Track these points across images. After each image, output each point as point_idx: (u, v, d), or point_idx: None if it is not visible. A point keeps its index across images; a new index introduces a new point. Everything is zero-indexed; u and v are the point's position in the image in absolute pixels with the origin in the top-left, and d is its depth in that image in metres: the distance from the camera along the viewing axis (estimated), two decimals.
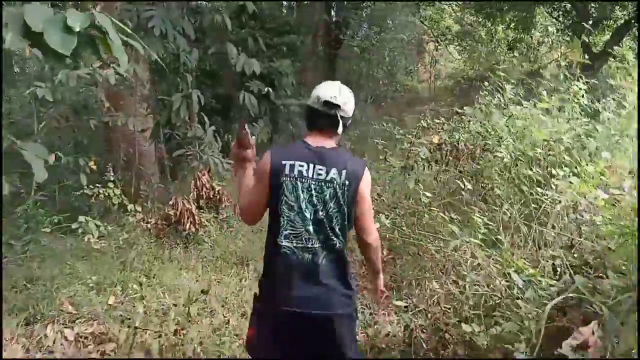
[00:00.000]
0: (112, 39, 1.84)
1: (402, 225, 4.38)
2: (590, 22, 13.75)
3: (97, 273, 4.02)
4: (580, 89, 4.43)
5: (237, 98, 9.23)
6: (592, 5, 13.46)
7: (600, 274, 2.33)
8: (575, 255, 2.63)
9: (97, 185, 5.09)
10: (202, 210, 5.51)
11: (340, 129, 2.13)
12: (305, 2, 12.48)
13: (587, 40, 11.19)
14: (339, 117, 2.11)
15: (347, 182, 2.06)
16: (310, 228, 2.05)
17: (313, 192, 2.04)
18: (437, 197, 4.47)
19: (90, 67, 4.50)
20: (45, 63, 5.10)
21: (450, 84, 20.32)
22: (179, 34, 5.48)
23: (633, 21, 12.87)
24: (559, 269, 2.58)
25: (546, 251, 2.84)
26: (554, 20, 14.79)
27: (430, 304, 3.36)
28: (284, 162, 2.05)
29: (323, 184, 2.05)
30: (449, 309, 3.15)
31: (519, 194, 3.74)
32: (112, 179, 5.17)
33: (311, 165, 2.05)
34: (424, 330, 3.19)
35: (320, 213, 2.05)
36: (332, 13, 12.63)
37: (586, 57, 5.14)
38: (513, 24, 16.28)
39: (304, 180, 2.04)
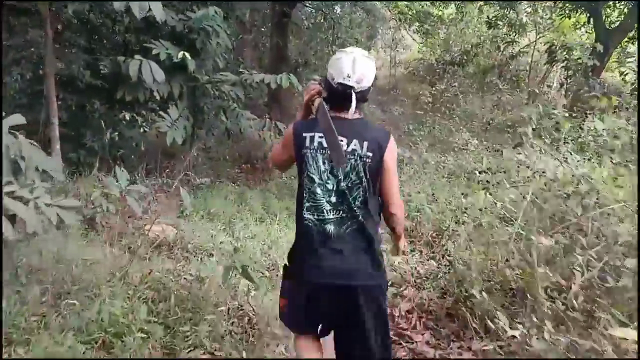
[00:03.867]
0: None
1: None
2: None
3: None
4: None
5: (127, 68, 5.20)
6: None
7: None
8: None
9: None
10: None
11: (352, 109, 1.91)
12: None
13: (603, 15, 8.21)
14: (353, 97, 1.90)
15: (369, 154, 1.89)
16: (333, 199, 1.92)
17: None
18: None
19: None
20: None
21: (410, 71, 16.95)
22: None
23: None
24: None
25: None
26: None
27: None
28: (304, 134, 1.95)
29: (344, 154, 1.88)
30: None
31: None
32: None
33: None
34: None
35: (342, 184, 1.91)
36: None
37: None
38: None
39: (324, 151, 1.92)
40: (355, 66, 1.90)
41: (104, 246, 4.05)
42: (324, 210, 1.92)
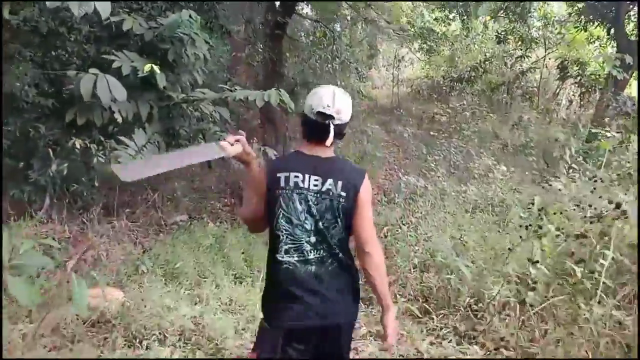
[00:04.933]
0: None
1: None
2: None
3: None
4: None
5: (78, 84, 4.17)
6: None
7: None
8: None
9: None
10: None
11: (330, 140, 1.85)
12: None
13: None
14: (332, 128, 1.84)
15: (343, 194, 1.83)
16: (313, 239, 1.83)
17: (310, 203, 1.83)
18: None
19: None
20: None
21: (414, 89, 15.99)
22: None
23: None
24: None
25: None
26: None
27: None
28: (278, 174, 1.85)
29: (319, 195, 1.84)
30: None
31: None
32: None
33: (307, 176, 1.84)
34: None
35: (320, 223, 1.83)
36: None
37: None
38: (503, 12, 12.11)
39: (300, 191, 1.84)
40: (335, 98, 1.86)
41: (24, 324, 2.95)
42: (304, 251, 1.83)
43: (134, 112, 4.65)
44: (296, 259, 1.81)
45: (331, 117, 1.82)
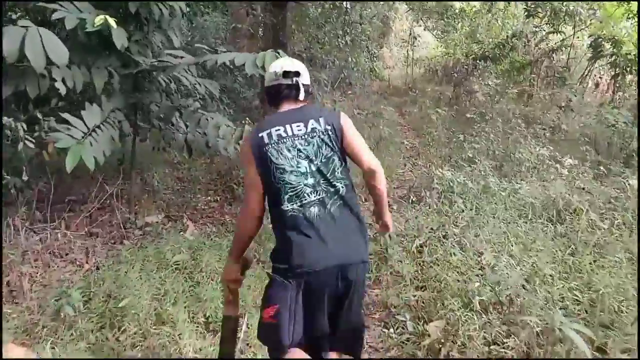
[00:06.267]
0: None
1: None
2: None
3: None
4: None
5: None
6: None
7: None
8: None
9: None
10: None
11: (302, 95, 1.98)
12: None
13: None
14: (301, 84, 1.97)
15: (328, 127, 1.90)
16: (310, 180, 1.84)
17: (299, 146, 1.86)
18: None
19: None
20: None
21: (430, 68, 14.68)
22: None
23: None
24: None
25: None
26: None
27: None
28: (260, 134, 1.88)
29: (307, 136, 1.87)
30: None
31: None
32: None
33: (287, 126, 1.88)
34: None
35: (315, 162, 1.86)
36: None
37: None
38: None
39: (285, 140, 1.86)
40: (293, 61, 2.02)
41: None
42: (305, 194, 1.82)
43: (86, 81, 3.44)
44: (298, 204, 1.80)
45: (297, 73, 1.96)
